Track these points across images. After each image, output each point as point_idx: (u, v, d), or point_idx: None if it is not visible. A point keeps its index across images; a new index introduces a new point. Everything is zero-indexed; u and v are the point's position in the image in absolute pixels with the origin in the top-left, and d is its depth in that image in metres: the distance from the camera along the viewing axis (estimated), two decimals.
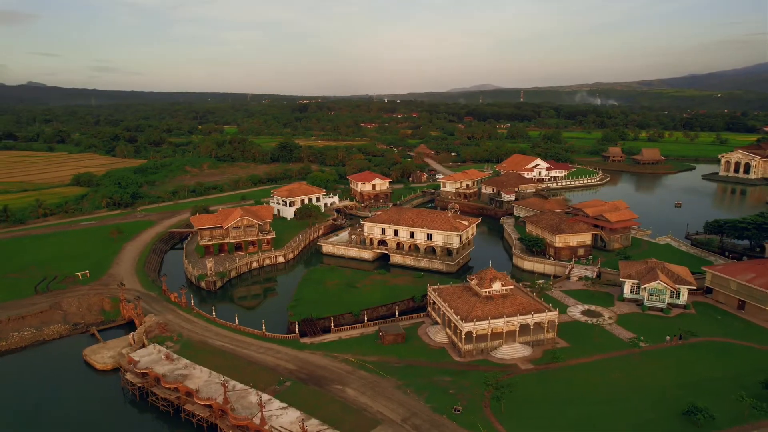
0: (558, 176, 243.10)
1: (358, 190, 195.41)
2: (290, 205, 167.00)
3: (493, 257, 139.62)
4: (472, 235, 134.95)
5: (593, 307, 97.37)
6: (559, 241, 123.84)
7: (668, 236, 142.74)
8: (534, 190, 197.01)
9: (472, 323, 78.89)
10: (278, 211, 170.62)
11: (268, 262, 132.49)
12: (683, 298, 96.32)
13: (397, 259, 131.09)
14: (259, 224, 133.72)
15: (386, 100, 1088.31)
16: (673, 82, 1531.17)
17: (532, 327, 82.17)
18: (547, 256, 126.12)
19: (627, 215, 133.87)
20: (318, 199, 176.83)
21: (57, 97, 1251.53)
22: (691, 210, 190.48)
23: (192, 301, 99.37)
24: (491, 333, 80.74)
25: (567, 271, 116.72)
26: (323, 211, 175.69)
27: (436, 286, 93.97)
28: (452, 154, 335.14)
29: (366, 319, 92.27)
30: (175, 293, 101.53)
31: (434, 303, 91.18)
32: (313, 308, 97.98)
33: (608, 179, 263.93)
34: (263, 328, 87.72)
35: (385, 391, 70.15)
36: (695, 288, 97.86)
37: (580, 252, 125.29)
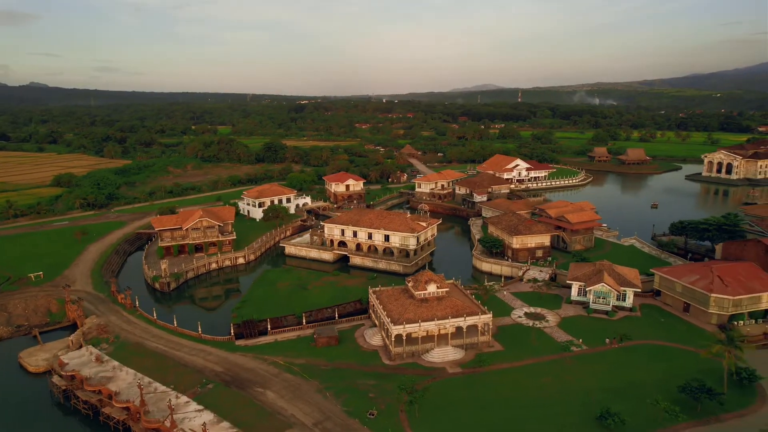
0: (538, 177, 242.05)
1: (332, 191, 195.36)
2: (259, 206, 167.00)
3: (458, 258, 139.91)
4: (432, 236, 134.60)
5: (539, 310, 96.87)
6: (516, 242, 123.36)
7: (634, 237, 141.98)
8: (508, 191, 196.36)
9: (401, 326, 78.66)
10: (248, 212, 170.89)
11: (227, 263, 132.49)
12: (629, 301, 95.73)
13: (356, 260, 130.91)
14: (219, 225, 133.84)
15: (384, 101, 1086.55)
16: (675, 81, 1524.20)
17: (465, 330, 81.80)
18: (506, 258, 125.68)
19: (588, 216, 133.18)
20: (289, 200, 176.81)
21: (58, 98, 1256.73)
22: (668, 211, 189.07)
23: (137, 303, 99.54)
24: (425, 336, 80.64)
25: (521, 273, 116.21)
26: (295, 212, 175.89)
27: (377, 288, 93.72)
28: (439, 154, 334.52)
29: (305, 321, 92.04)
30: (122, 294, 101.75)
31: (374, 305, 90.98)
32: (258, 310, 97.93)
33: (591, 179, 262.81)
34: (199, 329, 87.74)
35: (305, 394, 70.02)
36: (641, 290, 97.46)
37: (539, 253, 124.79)
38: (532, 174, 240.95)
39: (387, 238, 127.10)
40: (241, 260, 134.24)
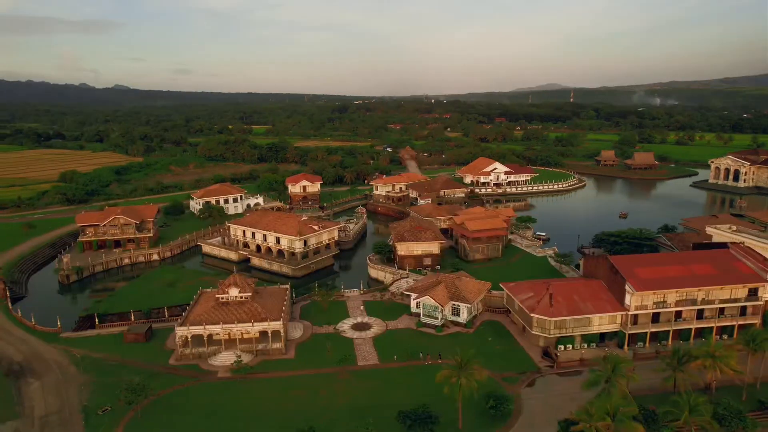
0: (518, 181, 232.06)
1: (290, 192, 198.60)
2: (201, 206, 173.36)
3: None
4: (331, 240, 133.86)
5: (371, 320, 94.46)
6: (400, 249, 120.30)
7: (553, 248, 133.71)
8: (463, 195, 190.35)
9: (185, 327, 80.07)
10: (196, 210, 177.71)
11: (141, 259, 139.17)
12: (463, 317, 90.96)
13: (255, 261, 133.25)
14: (135, 223, 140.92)
15: (433, 101, 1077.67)
16: (763, 79, 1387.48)
17: (254, 336, 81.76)
18: (395, 265, 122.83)
19: (491, 224, 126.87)
20: (236, 200, 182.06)
21: (137, 99, 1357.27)
22: (637, 221, 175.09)
23: (8, 293, 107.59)
24: (227, 338, 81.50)
25: (391, 280, 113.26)
26: (244, 211, 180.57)
27: (207, 290, 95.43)
28: (442, 156, 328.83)
29: (132, 317, 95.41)
30: (2, 285, 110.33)
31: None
32: (116, 304, 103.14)
33: (583, 184, 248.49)
34: (32, 320, 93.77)
35: (66, 387, 73.30)
36: (501, 307, 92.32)
37: (427, 261, 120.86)
38: (512, 178, 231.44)
39: (278, 240, 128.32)
40: (155, 257, 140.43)
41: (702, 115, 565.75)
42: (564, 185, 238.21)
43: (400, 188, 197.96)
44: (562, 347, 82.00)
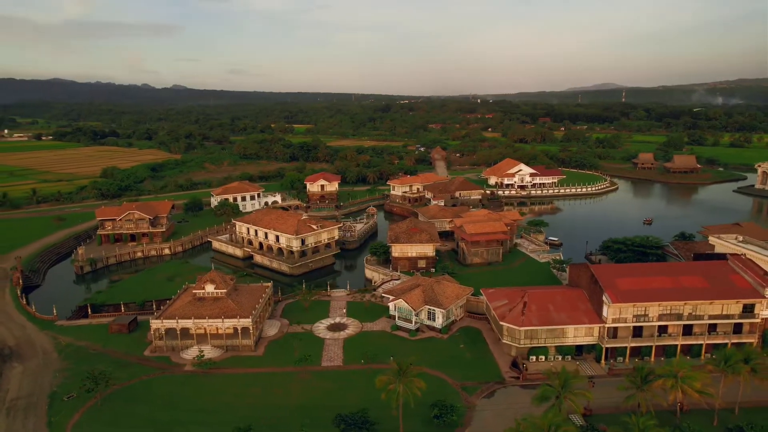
0: (545, 183, 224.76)
1: (308, 191, 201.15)
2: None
3: None
4: (331, 239, 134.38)
5: (349, 321, 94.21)
6: (394, 250, 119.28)
7: (558, 254, 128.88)
8: (479, 197, 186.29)
9: (159, 320, 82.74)
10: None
11: (153, 253, 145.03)
12: (438, 321, 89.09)
13: (257, 258, 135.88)
14: (150, 218, 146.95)
15: (490, 100, 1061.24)
16: None
17: (224, 332, 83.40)
18: (389, 266, 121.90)
19: (491, 228, 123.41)
20: (253, 197, 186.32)
21: (192, 98, 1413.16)
22: (663, 228, 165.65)
23: (20, 282, 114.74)
24: (202, 333, 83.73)
25: (378, 282, 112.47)
26: (260, 208, 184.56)
27: (192, 285, 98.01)
28: (473, 156, 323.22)
29: (123, 309, 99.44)
30: (17, 273, 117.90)
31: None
32: (116, 295, 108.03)
33: (615, 187, 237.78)
34: (33, 308, 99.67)
35: (45, 372, 77.46)
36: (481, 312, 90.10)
37: (422, 263, 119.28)
38: (537, 180, 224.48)
39: (278, 238, 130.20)
40: (167, 251, 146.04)
41: (766, 115, 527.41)
42: (593, 188, 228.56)
43: (417, 189, 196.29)
44: (534, 358, 78.81)
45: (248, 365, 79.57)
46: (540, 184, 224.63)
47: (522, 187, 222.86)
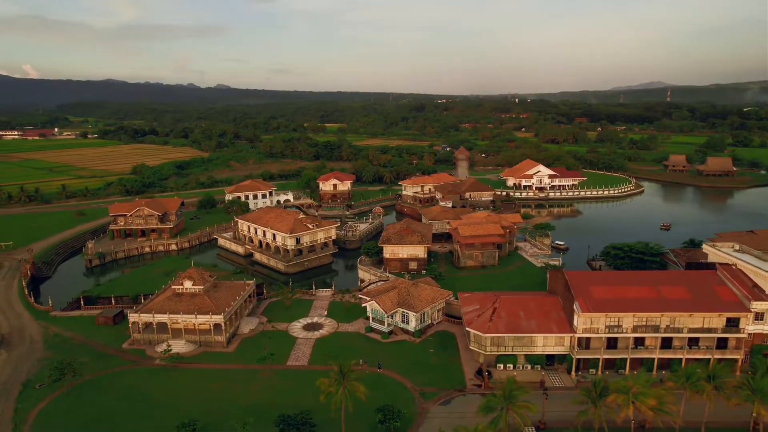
0: (564, 185, 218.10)
1: (321, 190, 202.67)
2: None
3: None
4: (328, 238, 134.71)
5: (326, 321, 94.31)
6: (386, 251, 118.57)
7: (558, 258, 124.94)
8: (490, 198, 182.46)
9: (137, 314, 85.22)
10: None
11: (161, 248, 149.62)
12: (411, 324, 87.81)
13: (257, 256, 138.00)
14: (158, 215, 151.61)
15: (528, 100, 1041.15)
16: None
17: (197, 327, 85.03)
18: (382, 267, 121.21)
19: (484, 230, 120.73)
20: (265, 196, 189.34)
21: (235, 97, 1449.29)
22: (682, 235, 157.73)
23: (29, 273, 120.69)
24: (171, 327, 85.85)
25: (367, 282, 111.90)
26: (272, 206, 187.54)
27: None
28: (496, 156, 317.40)
29: (113, 301, 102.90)
30: (27, 265, 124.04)
31: None
32: (113, 288, 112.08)
33: (640, 190, 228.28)
34: (31, 298, 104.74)
35: (27, 360, 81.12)
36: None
37: (412, 265, 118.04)
38: (556, 182, 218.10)
39: (274, 237, 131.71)
40: (173, 247, 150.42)
41: None
42: (616, 191, 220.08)
43: (429, 189, 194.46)
44: (502, 366, 76.50)
45: (216, 361, 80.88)
46: (559, 186, 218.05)
47: (540, 189, 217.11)
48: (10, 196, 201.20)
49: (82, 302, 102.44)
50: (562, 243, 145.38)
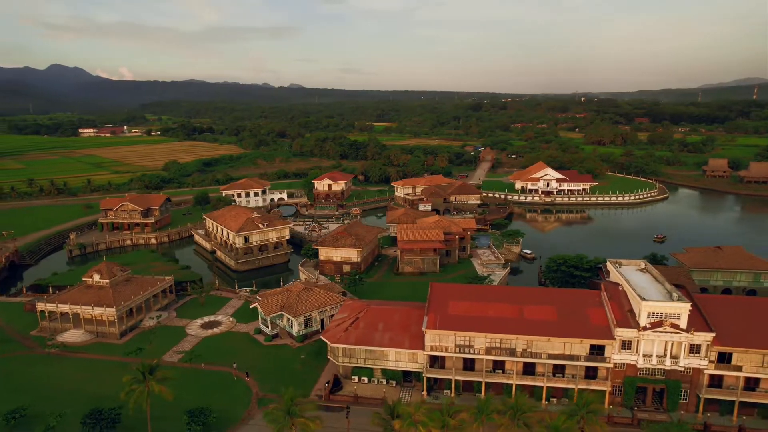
0: (573, 189, 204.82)
1: (315, 189, 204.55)
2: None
3: None
4: (281, 238, 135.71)
5: (228, 320, 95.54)
6: (320, 253, 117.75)
7: (504, 269, 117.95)
8: (477, 201, 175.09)
9: (43, 303, 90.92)
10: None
11: (141, 241, 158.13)
12: (294, 329, 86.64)
13: (218, 253, 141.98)
14: (141, 210, 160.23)
15: (594, 99, 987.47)
16: None
17: (94, 318, 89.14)
18: (317, 269, 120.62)
19: (423, 236, 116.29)
20: (257, 194, 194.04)
21: (305, 96, 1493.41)
22: (677, 249, 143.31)
23: (5, 263, 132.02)
24: (77, 317, 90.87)
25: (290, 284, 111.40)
26: (266, 205, 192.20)
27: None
28: (521, 158, 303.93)
29: (51, 290, 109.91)
30: (7, 253, 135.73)
31: None
32: (66, 278, 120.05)
33: (664, 197, 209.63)
34: None
35: None
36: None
37: (346, 268, 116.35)
38: (565, 186, 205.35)
39: (228, 235, 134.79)
40: (153, 240, 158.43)
41: None
42: (632, 197, 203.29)
43: (420, 191, 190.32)
44: (356, 378, 73.63)
45: (101, 352, 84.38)
46: (568, 190, 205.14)
47: (547, 193, 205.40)
48: (42, 189, 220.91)
49: (24, 290, 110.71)
50: (530, 252, 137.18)
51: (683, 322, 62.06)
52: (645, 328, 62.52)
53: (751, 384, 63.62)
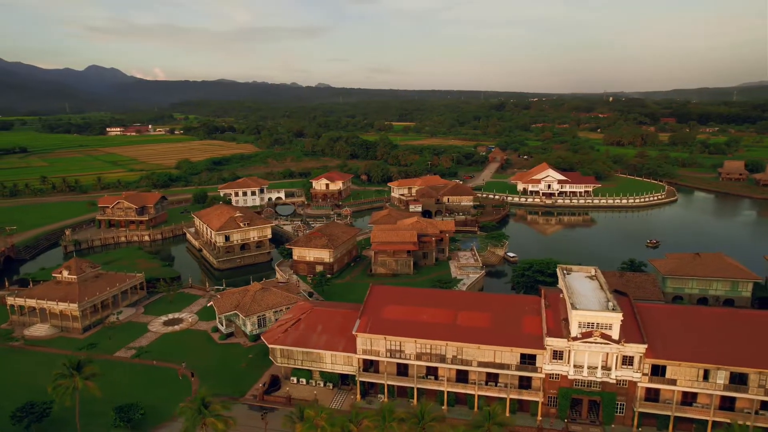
0: (576, 191, 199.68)
1: (312, 189, 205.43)
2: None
3: None
4: (263, 237, 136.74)
5: (191, 317, 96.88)
6: (294, 253, 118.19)
7: (479, 272, 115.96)
8: (470, 203, 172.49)
9: (13, 297, 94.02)
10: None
11: (135, 238, 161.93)
12: (247, 328, 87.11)
13: (204, 251, 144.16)
14: (136, 208, 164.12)
15: (622, 98, 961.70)
16: None
17: (59, 313, 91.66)
18: (291, 269, 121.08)
19: (396, 237, 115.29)
20: (254, 193, 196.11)
21: (333, 96, 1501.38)
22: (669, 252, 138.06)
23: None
24: (38, 311, 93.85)
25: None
26: (263, 204, 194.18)
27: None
28: (530, 158, 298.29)
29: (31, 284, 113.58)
30: (4, 248, 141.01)
31: None
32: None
33: (672, 199, 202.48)
34: None
35: None
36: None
37: (319, 269, 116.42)
38: (567, 188, 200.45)
39: (211, 233, 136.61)
40: (146, 238, 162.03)
41: None
42: (637, 200, 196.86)
43: (416, 191, 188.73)
44: (295, 380, 73.51)
45: (62, 346, 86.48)
46: (570, 192, 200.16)
47: (548, 195, 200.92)
48: (54, 186, 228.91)
49: (6, 284, 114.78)
50: (513, 255, 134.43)
51: (615, 333, 59.57)
52: (575, 338, 60.28)
53: (689, 399, 60.60)
